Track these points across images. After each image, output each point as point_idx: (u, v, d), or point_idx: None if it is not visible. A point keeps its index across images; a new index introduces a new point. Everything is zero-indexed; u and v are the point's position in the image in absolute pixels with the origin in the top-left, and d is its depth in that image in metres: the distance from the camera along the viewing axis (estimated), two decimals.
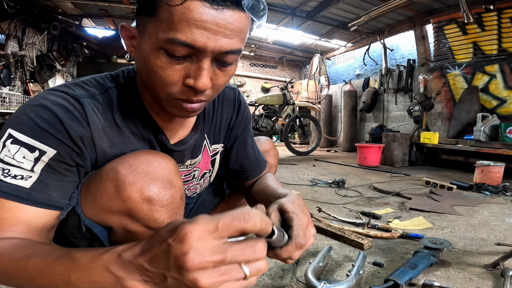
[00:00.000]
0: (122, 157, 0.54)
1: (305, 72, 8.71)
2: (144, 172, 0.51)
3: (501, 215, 1.74)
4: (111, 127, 0.57)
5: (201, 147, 0.75)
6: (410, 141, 4.06)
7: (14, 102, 4.04)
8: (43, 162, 0.48)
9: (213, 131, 0.77)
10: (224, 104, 0.78)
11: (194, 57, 0.47)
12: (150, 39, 0.47)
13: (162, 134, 0.64)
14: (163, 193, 0.52)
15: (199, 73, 0.47)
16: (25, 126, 0.48)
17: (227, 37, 0.46)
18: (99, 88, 0.57)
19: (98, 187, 0.52)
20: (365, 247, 1.20)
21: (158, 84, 0.50)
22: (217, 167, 0.86)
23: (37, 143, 0.47)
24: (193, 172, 0.78)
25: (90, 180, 0.55)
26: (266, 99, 4.83)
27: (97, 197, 0.52)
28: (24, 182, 0.47)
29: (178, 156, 0.69)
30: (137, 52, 0.52)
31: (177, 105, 0.52)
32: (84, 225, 0.54)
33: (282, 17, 5.38)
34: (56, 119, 0.49)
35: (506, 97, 3.83)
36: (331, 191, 2.37)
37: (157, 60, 0.47)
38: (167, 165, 0.55)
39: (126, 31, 0.53)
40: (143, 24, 0.48)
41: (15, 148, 0.47)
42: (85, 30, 5.64)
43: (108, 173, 0.52)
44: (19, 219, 0.47)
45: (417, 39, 4.89)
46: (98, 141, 0.55)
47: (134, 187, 0.50)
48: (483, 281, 0.96)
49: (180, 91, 0.50)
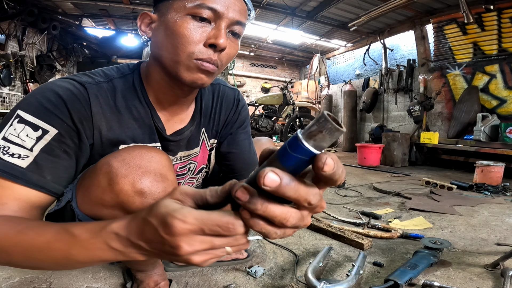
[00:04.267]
0: (116, 152, 0.55)
1: (305, 72, 8.71)
2: (136, 165, 0.52)
3: (501, 215, 1.74)
4: (111, 113, 0.61)
5: (197, 139, 0.76)
6: (410, 141, 4.06)
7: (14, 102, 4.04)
8: (45, 140, 0.51)
9: (210, 126, 0.79)
10: (223, 101, 0.80)
11: (213, 24, 0.57)
12: (177, 11, 0.56)
13: (160, 123, 0.67)
14: (155, 186, 0.53)
15: (219, 34, 0.57)
16: (31, 106, 0.51)
17: (237, 11, 0.59)
18: (105, 78, 0.62)
19: (92, 181, 0.54)
20: (365, 247, 1.20)
21: (181, 45, 0.56)
22: (213, 162, 0.86)
23: (41, 122, 0.51)
24: (188, 165, 0.78)
25: (85, 174, 0.56)
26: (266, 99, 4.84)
27: (91, 191, 0.53)
28: (20, 161, 0.49)
29: (174, 146, 0.72)
30: (158, 30, 0.59)
31: (195, 66, 0.58)
32: (78, 219, 0.55)
33: (282, 17, 5.38)
34: (60, 99, 0.53)
35: (506, 97, 3.83)
36: (331, 191, 2.37)
37: (184, 23, 0.56)
38: (160, 159, 0.56)
39: (147, 17, 0.61)
40: (167, 6, 0.58)
41: (20, 126, 0.50)
42: (85, 30, 5.64)
43: (101, 167, 0.53)
44: (11, 197, 0.48)
45: (417, 39, 4.89)
46: (96, 124, 0.58)
47: (126, 180, 0.51)
48: (483, 281, 0.96)
49: (201, 50, 0.57)
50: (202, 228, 0.31)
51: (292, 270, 1.03)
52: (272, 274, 1.00)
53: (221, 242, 0.32)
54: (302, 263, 1.08)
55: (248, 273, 0.99)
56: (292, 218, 0.29)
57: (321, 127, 0.26)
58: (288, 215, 0.29)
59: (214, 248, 0.33)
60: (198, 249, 0.32)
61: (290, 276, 0.99)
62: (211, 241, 0.32)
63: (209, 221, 0.31)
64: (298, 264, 1.07)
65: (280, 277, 0.98)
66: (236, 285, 0.93)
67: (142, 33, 0.61)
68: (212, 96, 0.78)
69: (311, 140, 0.26)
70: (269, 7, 4.99)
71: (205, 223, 0.31)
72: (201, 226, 0.31)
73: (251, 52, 7.87)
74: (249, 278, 0.97)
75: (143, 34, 0.61)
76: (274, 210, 0.28)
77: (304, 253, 1.17)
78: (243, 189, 0.29)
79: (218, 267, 1.03)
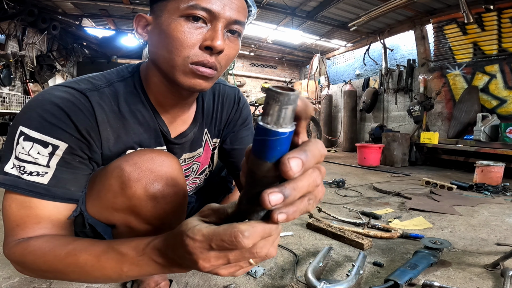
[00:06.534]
0: (126, 155, 0.55)
1: (305, 72, 8.71)
2: (148, 169, 0.52)
3: (501, 215, 1.74)
4: (116, 119, 0.59)
5: (200, 140, 0.76)
6: (410, 141, 4.06)
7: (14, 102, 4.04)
8: (58, 156, 0.50)
9: (213, 126, 0.79)
10: (224, 101, 0.80)
11: (209, 25, 0.54)
12: (170, 13, 0.53)
13: (164, 126, 0.66)
14: (167, 190, 0.53)
15: (215, 35, 0.53)
16: (33, 122, 0.49)
17: (235, 10, 0.54)
18: (105, 82, 0.60)
19: (103, 185, 0.53)
20: (365, 247, 1.20)
21: (176, 49, 0.53)
22: (216, 161, 0.86)
23: (48, 138, 0.49)
24: (192, 166, 0.78)
25: (95, 178, 0.56)
26: None
27: (101, 195, 0.53)
28: (41, 179, 0.49)
29: (178, 149, 0.71)
30: (153, 32, 0.57)
31: (191, 71, 0.54)
32: (87, 223, 0.55)
33: (282, 17, 5.38)
34: (63, 113, 0.51)
35: (506, 97, 3.83)
36: (331, 191, 2.37)
37: (177, 25, 0.52)
38: (171, 163, 0.55)
39: (142, 19, 0.58)
40: (161, 8, 0.54)
41: (28, 145, 0.49)
42: (85, 30, 5.64)
43: (113, 171, 0.53)
44: (42, 216, 0.49)
45: (417, 39, 4.89)
46: (103, 133, 0.56)
47: (139, 184, 0.51)
48: (483, 281, 0.96)
49: (197, 53, 0.54)
50: (210, 244, 0.32)
51: (292, 270, 1.03)
52: (272, 274, 1.00)
53: (235, 256, 0.33)
54: (302, 263, 1.08)
55: (248, 273, 0.99)
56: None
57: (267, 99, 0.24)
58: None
59: (230, 262, 0.33)
60: (216, 264, 0.33)
61: (290, 276, 0.99)
62: (226, 255, 0.33)
63: (214, 236, 0.32)
64: (298, 264, 1.07)
65: (280, 277, 0.98)
66: (236, 285, 0.93)
67: (138, 36, 0.59)
68: (213, 96, 0.77)
69: (267, 117, 0.24)
70: (269, 7, 4.99)
71: (211, 239, 0.32)
72: (208, 242, 0.32)
73: (251, 52, 7.87)
74: (249, 278, 0.97)
75: (139, 37, 0.59)
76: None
77: (304, 253, 1.17)
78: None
79: None
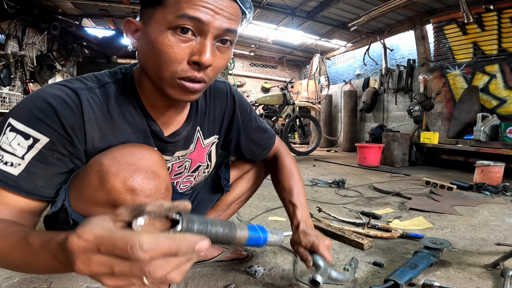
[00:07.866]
0: (107, 151, 0.55)
1: (305, 72, 8.71)
2: (127, 163, 0.52)
3: (501, 215, 1.74)
4: (104, 119, 0.59)
5: (192, 138, 0.77)
6: (410, 141, 4.06)
7: (14, 102, 4.04)
8: (36, 149, 0.51)
9: (206, 124, 0.79)
10: (216, 97, 0.80)
11: (198, 37, 0.53)
12: (157, 24, 0.52)
13: (157, 126, 0.66)
14: (146, 183, 0.53)
15: (203, 49, 0.52)
16: (22, 115, 0.51)
17: (226, 18, 0.53)
18: (97, 83, 0.61)
19: (84, 180, 0.54)
20: (365, 247, 1.20)
21: (163, 63, 0.53)
22: (215, 160, 0.87)
23: (31, 130, 0.50)
24: (184, 163, 0.79)
25: (78, 174, 0.56)
26: (266, 99, 4.83)
27: (83, 190, 0.54)
28: (13, 169, 0.50)
29: (172, 147, 0.72)
30: (141, 41, 0.56)
31: (179, 86, 0.55)
32: (71, 218, 0.55)
33: (282, 17, 5.37)
34: (51, 108, 0.52)
35: (506, 97, 3.83)
36: (331, 191, 2.37)
37: (164, 39, 0.51)
38: (151, 157, 0.56)
39: (131, 24, 0.57)
40: (149, 15, 0.53)
41: (12, 135, 0.50)
42: (85, 30, 5.64)
43: (92, 166, 0.53)
44: (2, 203, 0.50)
45: (417, 39, 4.89)
46: (89, 131, 0.57)
47: (117, 177, 0.51)
48: (483, 281, 0.96)
49: (184, 69, 0.53)
50: (98, 247, 0.29)
51: (292, 270, 1.03)
52: (272, 274, 1.00)
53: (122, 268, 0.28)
54: (302, 263, 1.08)
55: (248, 273, 0.99)
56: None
57: None
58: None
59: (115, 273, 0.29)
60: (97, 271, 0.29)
61: (290, 276, 0.99)
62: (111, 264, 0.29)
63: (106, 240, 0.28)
64: (298, 264, 1.07)
65: (280, 277, 0.98)
66: (236, 285, 0.93)
67: (129, 40, 0.59)
68: (204, 93, 0.78)
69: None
70: (269, 7, 4.99)
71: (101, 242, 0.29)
72: (97, 244, 0.29)
73: (251, 52, 7.87)
74: (249, 278, 0.97)
75: (130, 41, 0.59)
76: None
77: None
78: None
79: (218, 267, 1.03)
